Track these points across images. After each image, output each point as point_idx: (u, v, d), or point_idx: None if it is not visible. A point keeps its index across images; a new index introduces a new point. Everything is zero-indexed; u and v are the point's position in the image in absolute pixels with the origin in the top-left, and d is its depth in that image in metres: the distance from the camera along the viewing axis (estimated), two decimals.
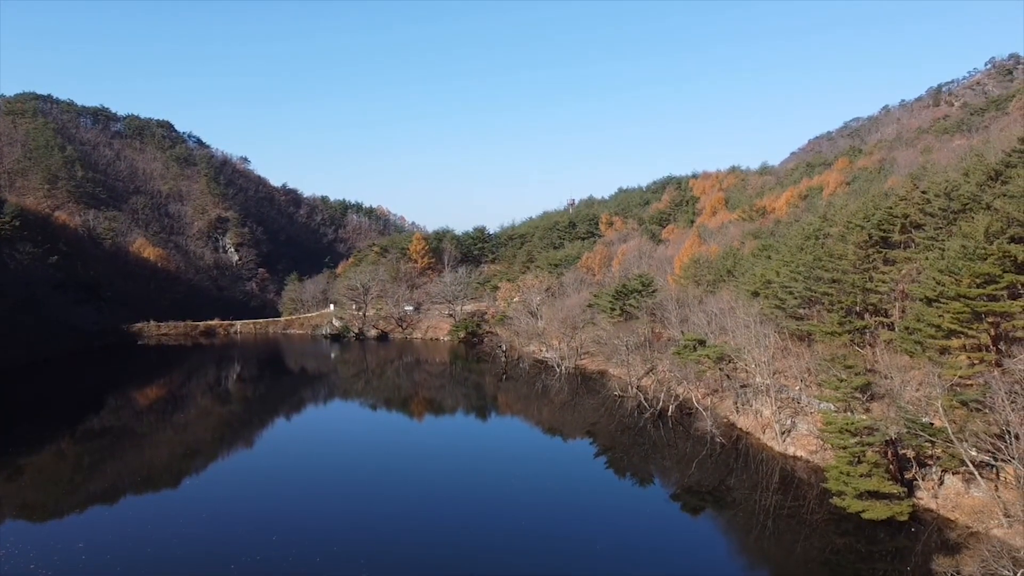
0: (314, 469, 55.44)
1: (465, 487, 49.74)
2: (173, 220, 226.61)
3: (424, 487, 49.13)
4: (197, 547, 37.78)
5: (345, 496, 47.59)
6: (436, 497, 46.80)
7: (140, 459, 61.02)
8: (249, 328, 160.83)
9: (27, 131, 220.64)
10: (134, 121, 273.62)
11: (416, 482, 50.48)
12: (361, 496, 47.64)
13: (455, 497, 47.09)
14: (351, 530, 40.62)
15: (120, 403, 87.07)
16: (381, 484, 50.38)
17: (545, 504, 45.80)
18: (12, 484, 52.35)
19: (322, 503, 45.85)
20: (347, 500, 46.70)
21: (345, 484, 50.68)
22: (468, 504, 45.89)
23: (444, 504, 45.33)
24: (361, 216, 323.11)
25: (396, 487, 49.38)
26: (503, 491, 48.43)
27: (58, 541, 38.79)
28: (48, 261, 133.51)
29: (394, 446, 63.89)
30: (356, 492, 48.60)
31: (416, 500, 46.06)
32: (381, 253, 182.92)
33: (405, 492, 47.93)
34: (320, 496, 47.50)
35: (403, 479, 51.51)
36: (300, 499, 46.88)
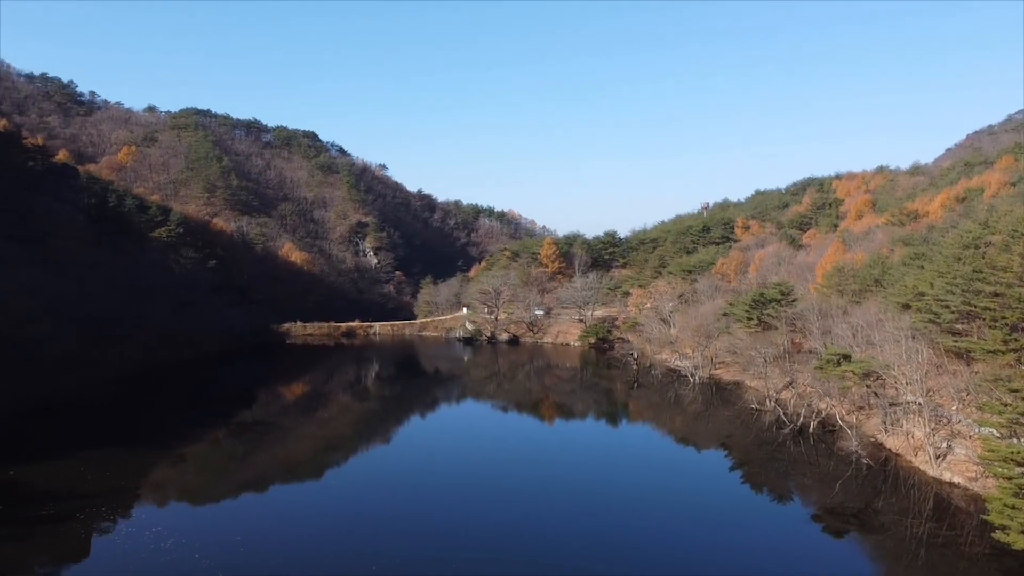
0: (448, 467, 56.73)
1: (596, 494, 49.39)
2: (317, 225, 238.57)
3: (555, 492, 49.23)
4: (341, 540, 39.53)
5: (477, 495, 48.33)
6: (566, 503, 46.78)
7: (286, 451, 64.70)
8: (387, 330, 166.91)
9: (189, 144, 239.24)
10: (282, 132, 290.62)
11: (547, 487, 50.65)
12: (493, 498, 48.19)
13: (585, 505, 46.86)
14: (485, 530, 41.25)
15: (269, 398, 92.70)
16: (513, 487, 50.83)
17: (678, 516, 44.84)
18: (174, 470, 56.73)
19: (457, 501, 46.79)
20: (478, 499, 47.40)
21: (477, 483, 51.49)
22: (599, 512, 45.51)
23: (575, 512, 45.25)
24: (493, 220, 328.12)
25: (527, 492, 49.68)
26: (635, 501, 47.72)
27: (216, 528, 41.63)
28: (207, 265, 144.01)
29: (525, 449, 64.38)
30: (487, 492, 49.22)
31: (546, 506, 46.17)
32: (512, 257, 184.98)
33: (536, 497, 48.19)
34: (455, 494, 48.49)
35: (534, 484, 51.79)
36: (434, 496, 48.05)
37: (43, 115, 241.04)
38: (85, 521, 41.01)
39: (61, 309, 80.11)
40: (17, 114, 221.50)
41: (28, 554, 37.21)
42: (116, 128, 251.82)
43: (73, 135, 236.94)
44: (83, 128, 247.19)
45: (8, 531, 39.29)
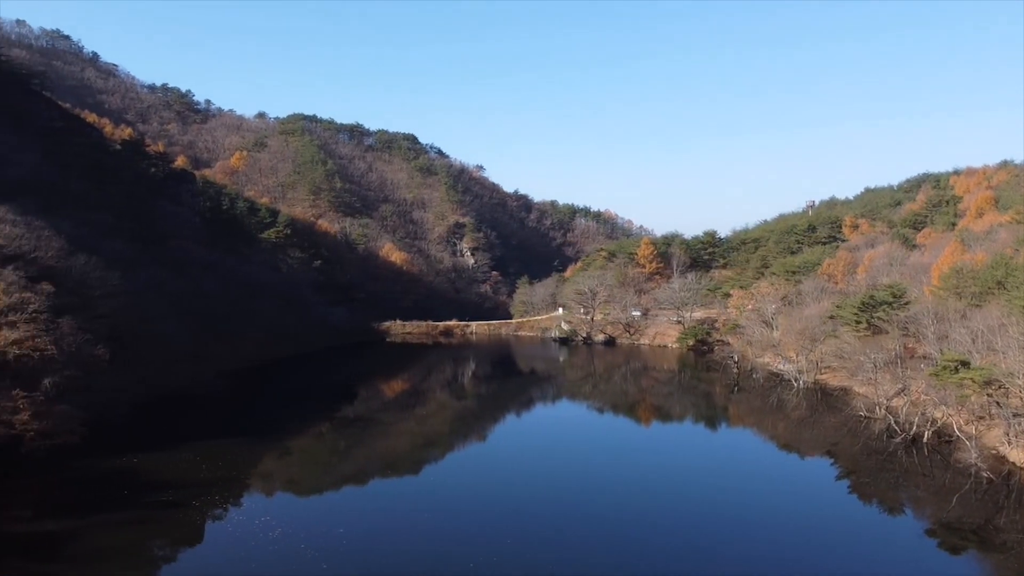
0: (543, 466, 56.68)
1: (695, 500, 48.41)
2: (416, 226, 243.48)
3: (651, 497, 48.48)
4: (438, 535, 40.12)
5: (571, 496, 47.98)
6: (663, 509, 46.03)
7: (386, 446, 66.43)
8: (483, 329, 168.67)
9: (296, 148, 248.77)
10: (384, 135, 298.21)
11: (643, 492, 49.90)
12: (588, 500, 47.76)
13: (684, 511, 46.01)
14: (580, 533, 41.01)
15: (370, 394, 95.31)
16: (608, 490, 50.29)
17: (782, 525, 43.35)
18: (281, 462, 59.06)
19: (551, 502, 46.67)
20: (573, 501, 47.04)
21: (572, 484, 51.13)
22: (698, 519, 44.59)
23: (673, 518, 44.46)
24: (589, 220, 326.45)
25: (623, 495, 49.07)
26: (736, 508, 46.36)
27: (320, 519, 42.97)
28: (312, 265, 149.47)
29: (621, 451, 63.67)
30: (582, 494, 48.78)
31: (642, 510, 45.51)
32: (609, 257, 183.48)
33: (632, 502, 47.54)
34: (549, 494, 48.39)
35: (630, 488, 51.14)
36: (529, 495, 48.12)
37: (163, 123, 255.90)
38: (200, 508, 43.20)
39: (180, 306, 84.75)
40: (141, 123, 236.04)
41: (149, 536, 39.53)
42: (229, 134, 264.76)
43: (190, 142, 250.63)
44: (199, 135, 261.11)
45: (132, 515, 41.85)
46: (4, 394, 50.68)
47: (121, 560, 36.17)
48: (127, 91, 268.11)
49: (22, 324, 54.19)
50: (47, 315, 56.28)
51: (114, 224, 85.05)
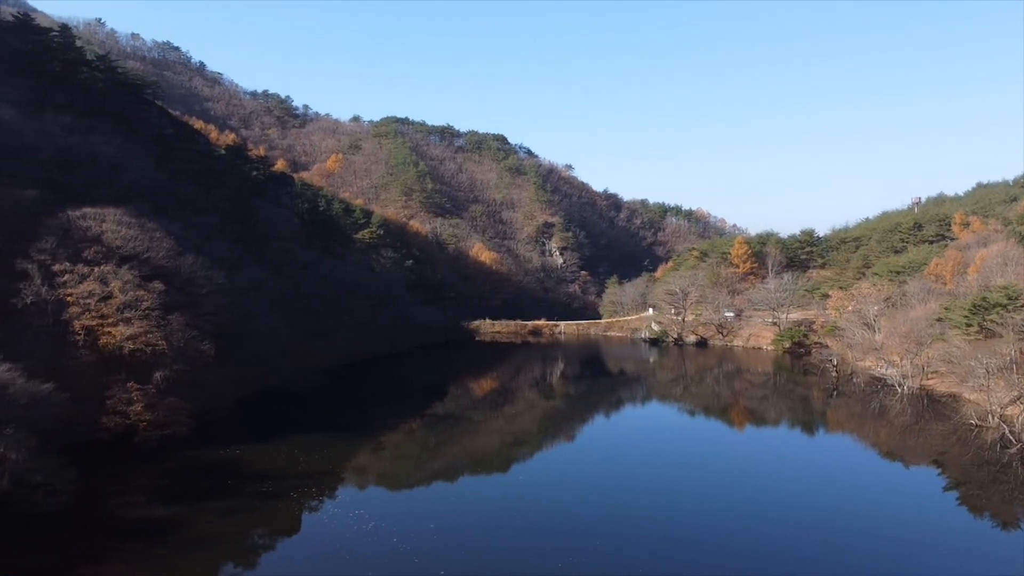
0: (632, 468, 56.01)
1: (791, 507, 46.77)
2: (505, 226, 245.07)
3: (746, 503, 47.11)
4: (527, 534, 40.25)
5: (662, 499, 47.21)
6: (758, 514, 44.66)
7: (475, 444, 67.11)
8: (572, 329, 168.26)
9: (389, 150, 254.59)
10: (474, 136, 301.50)
11: (737, 497, 48.62)
12: (679, 503, 46.93)
13: (780, 518, 44.53)
14: (671, 537, 40.34)
15: (459, 392, 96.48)
16: (699, 493, 49.30)
17: (885, 537, 41.32)
18: (375, 456, 60.44)
19: (640, 504, 45.99)
20: (663, 504, 46.30)
21: (662, 487, 50.32)
22: (795, 529, 43.07)
23: (769, 526, 43.10)
24: (680, 219, 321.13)
25: (714, 500, 47.99)
26: (833, 519, 44.61)
27: (412, 514, 43.74)
28: (404, 264, 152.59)
29: (712, 455, 62.23)
30: (673, 497, 48.00)
31: (738, 517, 44.30)
32: (700, 257, 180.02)
33: (725, 508, 46.40)
34: (638, 497, 47.72)
35: (724, 493, 49.92)
36: (618, 496, 47.59)
37: (264, 128, 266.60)
38: (298, 499, 44.69)
39: (279, 305, 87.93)
40: (243, 128, 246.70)
41: (250, 525, 41.15)
42: (325, 138, 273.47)
43: (289, 145, 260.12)
44: (298, 139, 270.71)
45: (235, 503, 43.71)
46: (120, 386, 53.85)
47: (225, 547, 37.80)
48: (231, 98, 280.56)
49: (136, 320, 57.33)
50: (158, 312, 59.33)
51: (219, 226, 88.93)
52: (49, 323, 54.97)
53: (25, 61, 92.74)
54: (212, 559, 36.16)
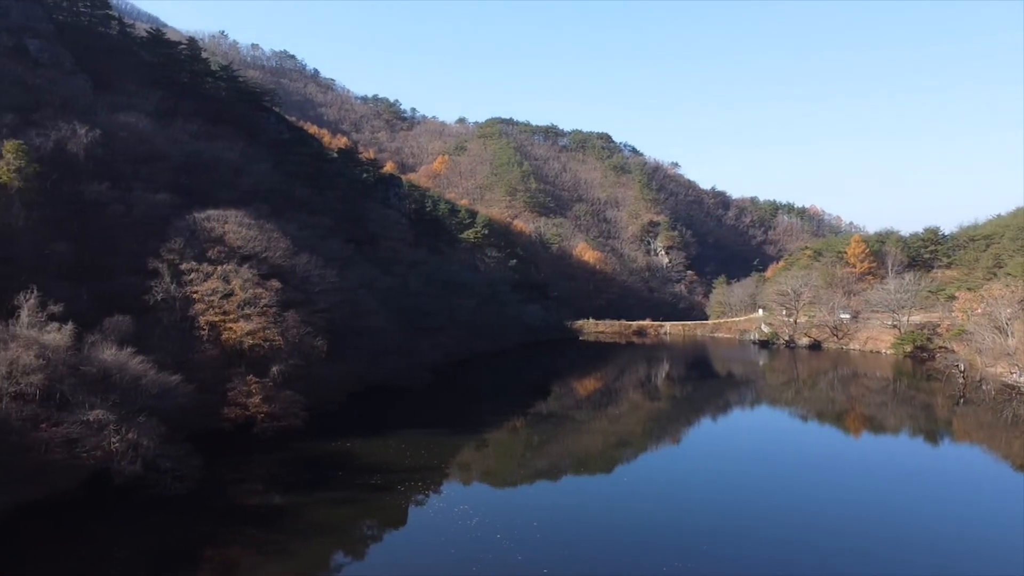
0: (740, 473, 54.29)
1: (912, 523, 44.22)
2: (609, 225, 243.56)
3: (864, 518, 44.79)
4: (630, 536, 39.69)
5: (773, 508, 45.53)
6: (879, 531, 42.42)
7: (578, 443, 66.76)
8: (677, 330, 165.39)
9: (494, 151, 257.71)
10: (578, 135, 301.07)
11: (854, 512, 46.28)
12: (792, 514, 45.19)
13: (902, 534, 42.14)
14: (783, 548, 38.88)
15: (563, 392, 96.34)
16: (814, 508, 47.31)
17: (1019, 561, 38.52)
18: (479, 453, 61.10)
19: (747, 511, 44.54)
20: (775, 512, 44.68)
21: (772, 494, 48.54)
22: (918, 549, 40.67)
23: (888, 545, 40.88)
24: (792, 217, 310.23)
25: (831, 514, 45.85)
26: (960, 535, 41.87)
27: (515, 512, 43.88)
28: (508, 264, 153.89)
29: (826, 463, 59.54)
30: (786, 507, 46.20)
31: (852, 532, 42.19)
32: (814, 256, 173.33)
33: (840, 520, 44.28)
34: (746, 503, 46.22)
35: (839, 505, 47.68)
36: (725, 500, 46.29)
37: (374, 131, 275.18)
38: (404, 493, 45.72)
39: (388, 303, 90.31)
40: (354, 132, 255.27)
41: (359, 515, 42.42)
42: (432, 140, 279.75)
43: (397, 148, 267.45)
44: (405, 141, 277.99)
45: (345, 494, 45.14)
46: (240, 379, 56.64)
47: (336, 536, 39.11)
48: (343, 103, 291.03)
49: (255, 317, 60.17)
50: (275, 309, 62.03)
51: (332, 226, 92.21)
52: (177, 319, 58.45)
53: (157, 73, 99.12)
54: (324, 547, 37.47)
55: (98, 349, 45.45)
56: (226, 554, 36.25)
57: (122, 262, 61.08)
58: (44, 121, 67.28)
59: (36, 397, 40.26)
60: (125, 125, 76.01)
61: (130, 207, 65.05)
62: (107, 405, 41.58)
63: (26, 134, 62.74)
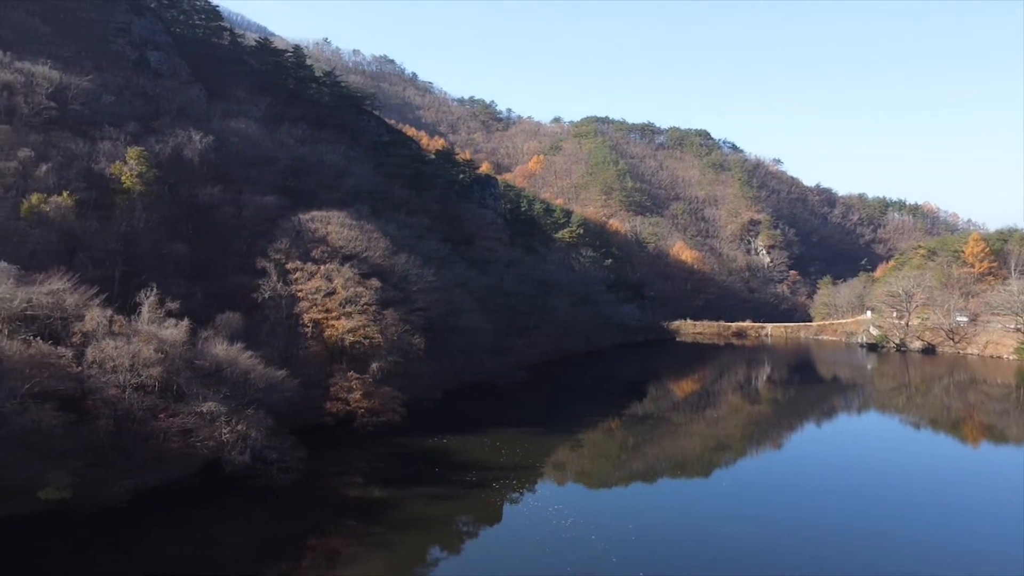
0: (847, 482, 51.99)
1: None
2: (708, 224, 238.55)
3: (988, 535, 42.24)
4: (728, 543, 38.65)
5: (880, 520, 43.35)
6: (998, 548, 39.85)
7: (675, 446, 65.58)
8: (779, 331, 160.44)
9: (589, 150, 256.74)
10: (675, 133, 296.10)
11: (976, 533, 43.69)
12: (903, 531, 42.89)
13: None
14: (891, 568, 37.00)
15: (659, 393, 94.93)
16: (934, 522, 44.83)
17: None
18: (573, 453, 60.88)
19: (855, 524, 42.62)
20: (883, 526, 42.50)
21: (878, 506, 46.22)
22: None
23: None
24: (903, 214, 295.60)
25: (953, 531, 43.39)
26: None
27: (610, 514, 43.53)
28: (603, 263, 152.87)
29: (941, 475, 56.37)
30: (894, 520, 43.91)
31: (968, 558, 39.81)
32: (928, 256, 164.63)
33: (960, 541, 41.83)
34: (854, 514, 44.21)
35: (958, 521, 45.06)
36: (832, 511, 44.41)
37: (470, 132, 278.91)
38: (500, 491, 45.99)
39: (484, 302, 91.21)
40: (451, 133, 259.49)
41: (455, 511, 42.93)
42: (527, 140, 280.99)
43: (493, 148, 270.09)
44: (501, 142, 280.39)
45: (442, 490, 45.80)
46: (341, 375, 58.34)
47: (433, 530, 39.73)
48: (440, 105, 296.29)
49: (356, 314, 61.84)
50: (375, 307, 63.54)
51: (429, 226, 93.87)
52: (283, 316, 60.77)
53: (265, 80, 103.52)
54: (421, 541, 38.14)
55: (211, 344, 47.75)
56: (329, 544, 37.41)
57: (232, 261, 64.17)
58: (163, 128, 71.35)
59: (155, 389, 42.65)
60: (236, 131, 79.75)
61: (240, 209, 68.22)
62: (219, 397, 43.68)
63: (147, 141, 66.64)
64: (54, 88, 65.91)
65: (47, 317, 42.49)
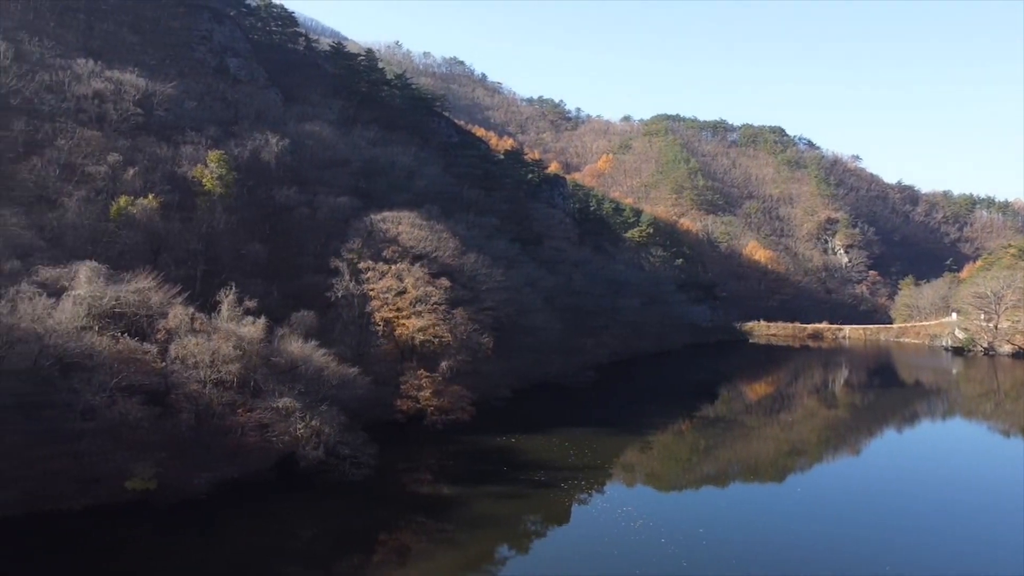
0: (930, 491, 50.05)
1: None
2: (782, 223, 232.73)
3: None
4: (804, 552, 37.61)
5: (969, 532, 41.58)
6: None
7: (748, 450, 64.15)
8: (858, 333, 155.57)
9: (659, 148, 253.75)
10: (748, 130, 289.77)
11: None
12: (993, 549, 41.02)
13: None
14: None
15: (731, 395, 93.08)
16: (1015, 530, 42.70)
17: None
18: (643, 454, 60.22)
19: (939, 536, 40.93)
20: (970, 544, 40.73)
21: (970, 518, 44.30)
22: None
23: None
24: (992, 212, 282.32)
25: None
26: None
27: (680, 517, 42.95)
28: (674, 263, 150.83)
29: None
30: (982, 535, 42.04)
31: None
32: (1019, 255, 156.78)
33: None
34: (938, 525, 42.51)
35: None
36: (912, 520, 42.77)
37: (539, 132, 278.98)
38: (568, 491, 45.81)
39: (552, 302, 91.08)
40: (520, 133, 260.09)
41: (523, 510, 42.95)
42: (597, 139, 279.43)
43: (562, 148, 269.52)
44: (570, 141, 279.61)
45: (510, 489, 45.92)
46: (412, 373, 59.14)
47: (501, 529, 39.84)
48: (509, 105, 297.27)
49: (426, 314, 62.59)
50: (445, 307, 64.19)
51: (498, 226, 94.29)
52: (355, 315, 61.95)
53: (339, 84, 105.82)
54: (490, 539, 38.29)
55: (286, 342, 49.05)
56: (399, 540, 37.96)
57: (307, 261, 65.84)
58: (241, 132, 73.72)
59: (234, 384, 44.01)
60: (311, 134, 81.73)
61: (315, 210, 69.89)
62: (294, 394, 44.82)
63: (226, 145, 68.94)
64: (141, 95, 68.77)
65: (133, 314, 44.35)
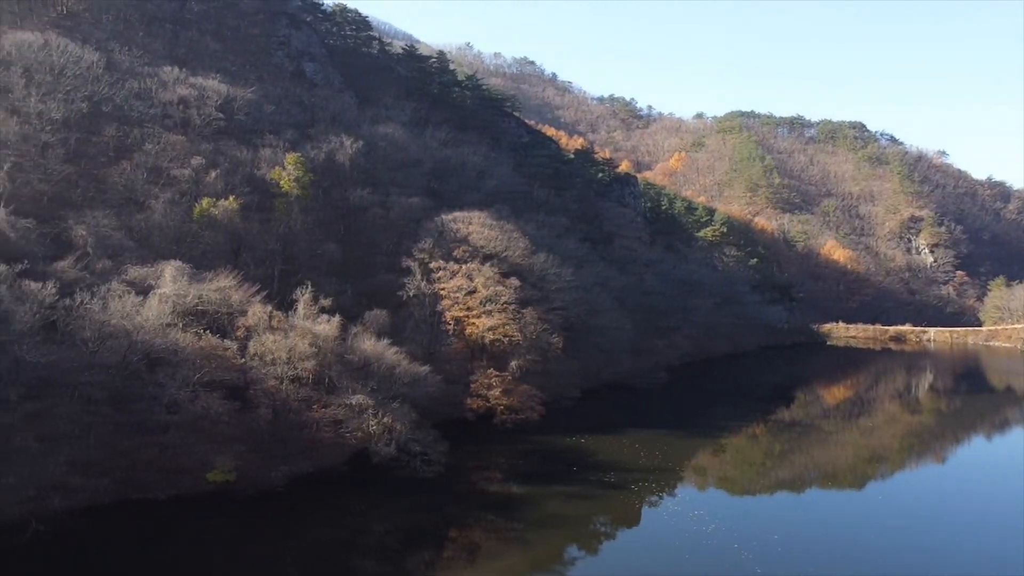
0: (1013, 499, 47.64)
1: None
2: (863, 221, 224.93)
3: None
4: (885, 560, 36.33)
5: None
6: None
7: (825, 455, 62.41)
8: (944, 336, 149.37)
9: (733, 146, 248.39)
10: (827, 126, 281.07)
11: None
12: None
13: None
14: None
15: (808, 399, 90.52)
16: None
17: None
18: (715, 458, 59.20)
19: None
20: None
21: None
22: None
23: None
24: None
25: None
26: None
27: (754, 522, 42.04)
28: (748, 263, 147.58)
29: None
30: None
31: None
32: None
33: None
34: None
35: None
36: (995, 534, 40.78)
37: (610, 131, 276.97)
38: (638, 492, 45.38)
39: (623, 302, 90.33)
40: (590, 132, 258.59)
41: (592, 511, 42.80)
42: (668, 137, 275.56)
43: (633, 146, 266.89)
44: (641, 139, 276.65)
45: (579, 489, 45.79)
46: (481, 372, 59.62)
47: (570, 529, 39.76)
48: (579, 105, 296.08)
49: (496, 313, 62.94)
50: (514, 306, 64.39)
51: (568, 226, 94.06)
52: (426, 314, 62.77)
53: (411, 86, 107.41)
54: (559, 539, 38.26)
55: (360, 340, 50.03)
56: (469, 537, 38.29)
57: (380, 260, 67.07)
58: (317, 135, 75.47)
59: (309, 381, 45.21)
60: (384, 135, 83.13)
61: (388, 210, 71.12)
62: (367, 391, 45.72)
63: (303, 147, 70.71)
64: (222, 100, 71.13)
65: (215, 312, 46.02)
